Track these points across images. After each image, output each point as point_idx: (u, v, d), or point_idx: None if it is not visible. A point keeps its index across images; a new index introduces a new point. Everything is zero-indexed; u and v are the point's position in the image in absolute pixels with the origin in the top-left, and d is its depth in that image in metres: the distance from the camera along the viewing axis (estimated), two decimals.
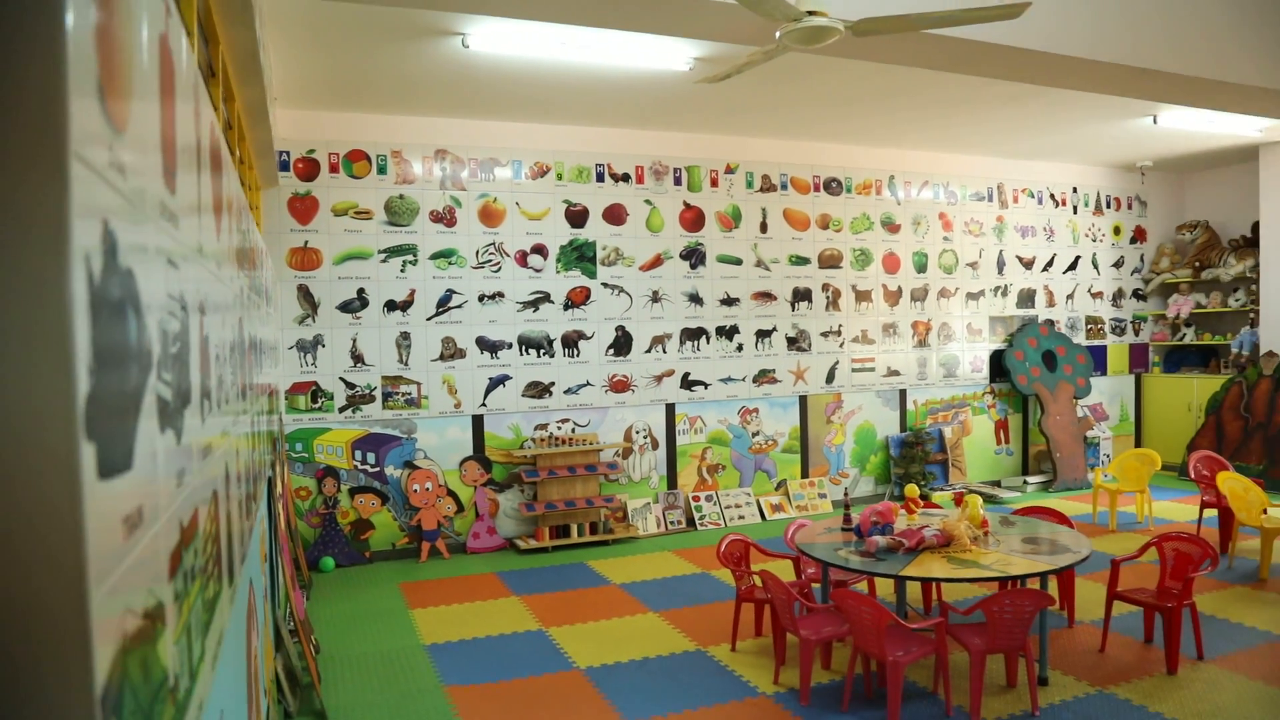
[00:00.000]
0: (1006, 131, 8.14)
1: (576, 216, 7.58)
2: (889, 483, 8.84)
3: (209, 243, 1.66)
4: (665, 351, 7.92)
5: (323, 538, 6.77)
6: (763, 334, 8.33)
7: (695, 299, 8.02)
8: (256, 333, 3.32)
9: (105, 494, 0.76)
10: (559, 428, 7.53)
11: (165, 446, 1.07)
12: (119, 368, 0.83)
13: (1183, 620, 4.43)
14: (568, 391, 7.57)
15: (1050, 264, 9.82)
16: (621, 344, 7.76)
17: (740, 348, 8.23)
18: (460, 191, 7.20)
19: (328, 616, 5.58)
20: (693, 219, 8.01)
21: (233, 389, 2.12)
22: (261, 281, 3.91)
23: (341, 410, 6.90)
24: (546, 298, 7.48)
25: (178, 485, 1.16)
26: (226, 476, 1.86)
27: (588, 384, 7.64)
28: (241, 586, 2.13)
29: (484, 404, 7.29)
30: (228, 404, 1.97)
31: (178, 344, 1.19)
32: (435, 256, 7.13)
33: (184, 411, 1.23)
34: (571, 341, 7.58)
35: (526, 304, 7.42)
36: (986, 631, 3.87)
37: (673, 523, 7.81)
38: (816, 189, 8.54)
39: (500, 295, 7.33)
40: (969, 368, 9.37)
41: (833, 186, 8.61)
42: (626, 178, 7.75)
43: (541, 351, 7.48)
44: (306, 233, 6.79)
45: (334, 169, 6.85)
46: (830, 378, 8.63)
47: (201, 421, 1.44)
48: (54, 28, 0.67)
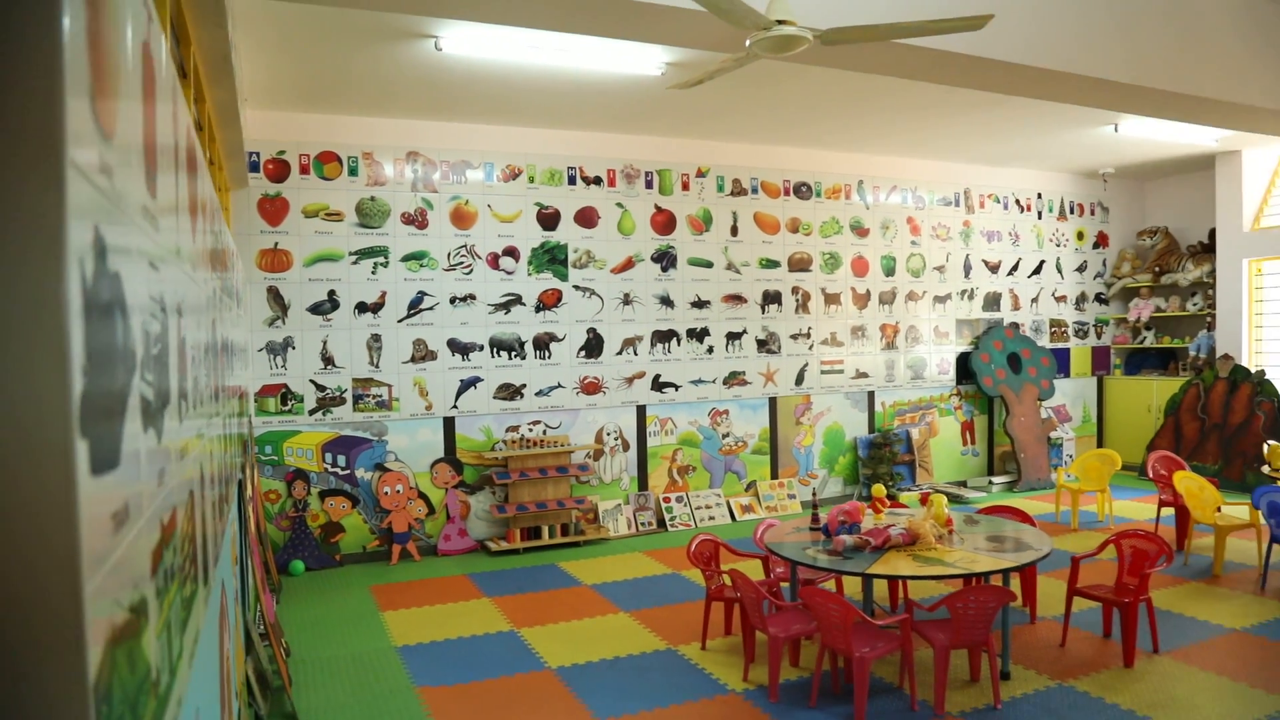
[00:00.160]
0: (972, 138, 8.28)
1: (548, 219, 7.60)
2: (857, 483, 8.95)
3: (185, 245, 1.67)
4: (636, 353, 7.96)
5: (292, 541, 6.73)
6: (733, 336, 8.40)
7: (666, 301, 8.07)
8: (228, 335, 3.32)
9: (97, 490, 0.78)
10: (530, 430, 7.54)
11: (148, 446, 1.09)
12: (108, 368, 0.85)
13: (1139, 615, 4.56)
14: (539, 393, 7.58)
15: (1015, 268, 9.99)
16: (593, 346, 7.79)
17: (711, 350, 8.29)
18: (432, 194, 7.20)
19: (298, 620, 5.56)
20: (664, 222, 8.06)
21: (207, 391, 2.13)
22: (232, 283, 3.90)
23: (312, 413, 6.87)
24: (518, 300, 7.49)
25: (159, 484, 1.18)
26: (201, 478, 1.87)
27: (559, 386, 7.66)
28: (215, 588, 2.13)
29: (455, 406, 7.29)
30: (202, 405, 1.98)
31: (158, 345, 1.21)
32: (407, 258, 7.12)
33: (164, 412, 1.25)
34: (543, 343, 7.59)
35: (498, 306, 7.43)
36: (950, 627, 3.96)
37: (644, 524, 7.85)
38: (786, 193, 8.63)
39: (472, 297, 7.33)
40: (936, 370, 9.51)
41: (802, 191, 8.70)
42: (598, 181, 7.78)
43: (513, 353, 7.49)
44: (277, 234, 6.75)
45: (305, 170, 6.82)
46: (800, 380, 8.72)
47: (179, 422, 1.45)
48: (52, 31, 0.68)
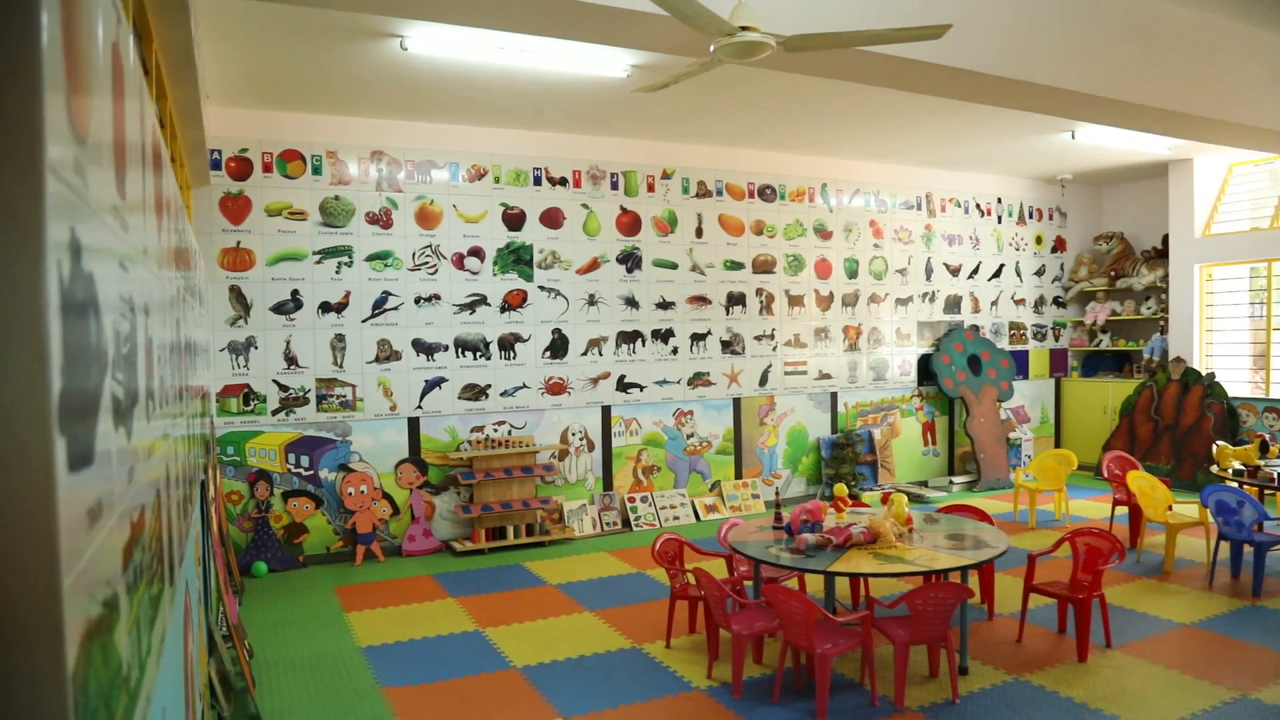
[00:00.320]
0: (934, 143, 8.42)
1: (514, 219, 7.60)
2: (820, 483, 9.05)
3: (151, 244, 1.67)
4: (601, 354, 7.99)
5: (255, 542, 6.66)
6: (697, 337, 8.45)
7: (631, 302, 8.11)
8: (191, 334, 3.29)
9: (74, 487, 0.80)
10: (495, 430, 7.54)
11: (119, 445, 1.10)
12: (83, 367, 0.87)
13: (1093, 611, 4.68)
14: (504, 394, 7.58)
15: (976, 271, 10.17)
16: (558, 346, 7.80)
17: (675, 351, 8.34)
18: (397, 193, 7.17)
19: (261, 621, 5.51)
20: (629, 223, 8.10)
21: (171, 391, 2.12)
22: (195, 282, 3.86)
23: (274, 413, 6.80)
24: (483, 300, 7.48)
25: (129, 482, 1.19)
26: (167, 477, 1.87)
27: (524, 386, 7.66)
28: (180, 589, 2.13)
29: (420, 406, 7.26)
30: (167, 405, 1.97)
31: (128, 345, 1.22)
32: (371, 258, 7.08)
33: (133, 411, 1.26)
34: (508, 344, 7.59)
35: (463, 306, 7.41)
36: (910, 624, 4.04)
37: (608, 524, 7.88)
38: (751, 195, 8.71)
39: (437, 297, 7.31)
40: (898, 371, 9.65)
41: (767, 193, 8.78)
42: (564, 182, 7.80)
43: (478, 354, 7.48)
44: (239, 233, 6.68)
45: (268, 169, 6.75)
46: (763, 381, 8.80)
47: (147, 421, 1.46)
48: (30, 31, 0.70)
